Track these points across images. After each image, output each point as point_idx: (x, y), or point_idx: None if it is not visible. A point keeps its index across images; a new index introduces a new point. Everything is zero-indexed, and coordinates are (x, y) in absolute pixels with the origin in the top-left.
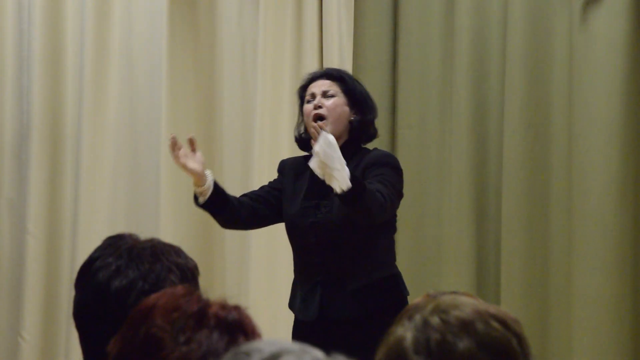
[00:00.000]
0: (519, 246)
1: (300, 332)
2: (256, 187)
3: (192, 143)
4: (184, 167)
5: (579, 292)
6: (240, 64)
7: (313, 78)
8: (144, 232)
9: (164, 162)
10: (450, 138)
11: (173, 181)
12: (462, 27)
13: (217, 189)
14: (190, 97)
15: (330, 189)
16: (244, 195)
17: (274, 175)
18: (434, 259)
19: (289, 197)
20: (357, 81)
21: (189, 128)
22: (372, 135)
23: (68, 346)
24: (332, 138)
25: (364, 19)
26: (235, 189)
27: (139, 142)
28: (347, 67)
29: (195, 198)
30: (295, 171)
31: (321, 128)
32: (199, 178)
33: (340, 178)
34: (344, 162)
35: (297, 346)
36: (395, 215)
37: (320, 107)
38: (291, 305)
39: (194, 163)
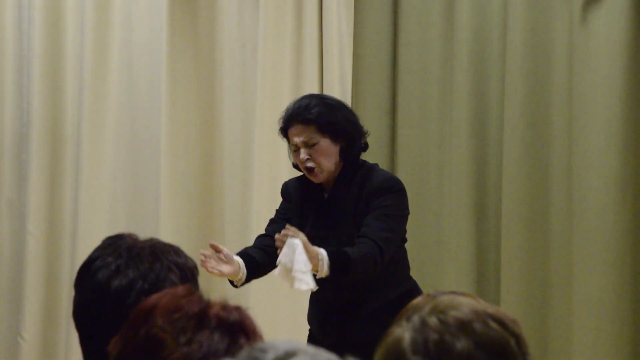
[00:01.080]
0: (519, 246)
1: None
2: (256, 188)
3: (215, 248)
4: (221, 275)
5: (579, 292)
6: (240, 64)
7: (288, 122)
8: (144, 232)
9: (164, 162)
10: (450, 138)
11: (173, 181)
12: (462, 27)
13: (249, 267)
14: (190, 97)
15: (337, 218)
16: (263, 235)
17: (273, 175)
18: (434, 259)
19: (297, 224)
20: (325, 106)
21: (189, 128)
22: (364, 147)
23: (68, 346)
24: (297, 242)
25: (364, 19)
26: (234, 188)
27: (139, 143)
28: (347, 67)
29: (231, 282)
30: (301, 194)
31: (286, 236)
32: (234, 273)
33: (306, 280)
34: (309, 265)
35: (311, 347)
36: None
37: (308, 158)
38: (310, 321)
39: (227, 267)
